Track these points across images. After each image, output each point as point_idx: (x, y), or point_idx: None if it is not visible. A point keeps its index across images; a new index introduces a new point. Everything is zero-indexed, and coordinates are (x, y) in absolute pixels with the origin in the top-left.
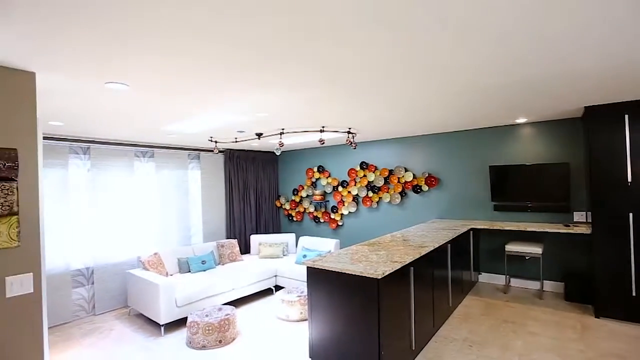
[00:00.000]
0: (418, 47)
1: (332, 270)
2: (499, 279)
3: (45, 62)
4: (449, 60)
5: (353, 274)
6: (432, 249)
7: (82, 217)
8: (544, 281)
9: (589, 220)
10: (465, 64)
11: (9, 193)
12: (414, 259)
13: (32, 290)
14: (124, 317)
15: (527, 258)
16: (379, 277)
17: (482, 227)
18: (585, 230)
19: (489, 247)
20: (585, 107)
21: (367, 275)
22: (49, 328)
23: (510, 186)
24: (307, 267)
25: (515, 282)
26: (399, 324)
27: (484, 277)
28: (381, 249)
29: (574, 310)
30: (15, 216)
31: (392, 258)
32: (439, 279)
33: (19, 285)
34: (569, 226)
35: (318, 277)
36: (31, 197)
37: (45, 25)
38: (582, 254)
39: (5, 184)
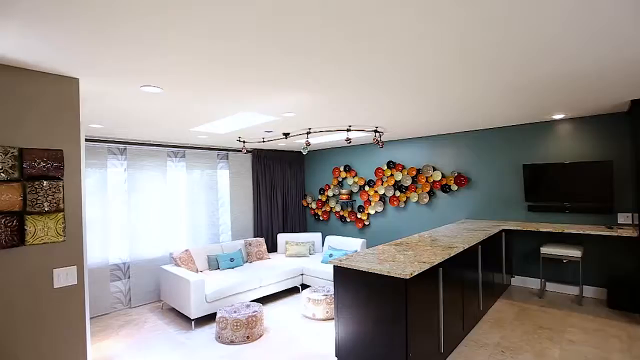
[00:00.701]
0: (464, 43)
1: (359, 270)
2: (534, 283)
3: (89, 69)
4: (498, 56)
5: (380, 273)
6: (461, 250)
7: (119, 215)
8: (584, 286)
9: (636, 222)
10: (516, 59)
11: (56, 191)
12: (442, 260)
13: (75, 282)
14: (157, 310)
15: (564, 261)
16: (407, 278)
17: (515, 228)
18: (631, 233)
19: (523, 249)
20: (632, 100)
21: (395, 275)
22: (90, 318)
23: (546, 186)
24: (334, 266)
25: (551, 287)
26: (427, 326)
27: (517, 280)
28: (409, 249)
29: (619, 318)
30: (61, 213)
31: (420, 258)
32: (469, 281)
33: (64, 277)
34: (612, 228)
35: (345, 277)
36: (75, 195)
37: (92, 37)
38: (627, 259)
39: (52, 182)
